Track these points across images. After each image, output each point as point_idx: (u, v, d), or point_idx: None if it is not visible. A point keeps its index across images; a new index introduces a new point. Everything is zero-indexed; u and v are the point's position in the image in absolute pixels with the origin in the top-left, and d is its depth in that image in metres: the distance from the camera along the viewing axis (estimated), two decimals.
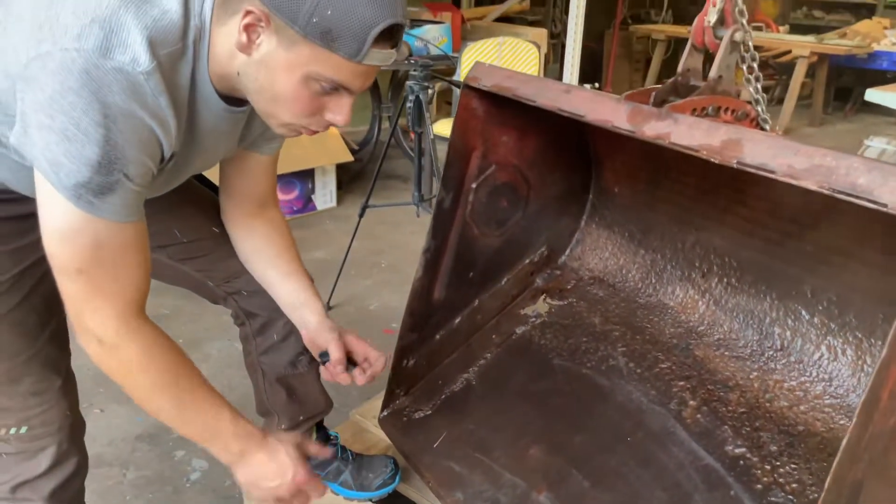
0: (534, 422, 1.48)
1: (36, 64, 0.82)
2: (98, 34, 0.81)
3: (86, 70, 0.80)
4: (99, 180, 0.84)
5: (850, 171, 0.83)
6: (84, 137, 0.81)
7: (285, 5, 0.82)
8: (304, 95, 0.90)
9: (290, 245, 1.29)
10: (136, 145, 0.86)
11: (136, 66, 0.82)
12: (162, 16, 0.86)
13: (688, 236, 1.55)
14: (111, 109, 0.82)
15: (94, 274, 0.89)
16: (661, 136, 1.05)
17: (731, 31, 1.10)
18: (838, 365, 1.29)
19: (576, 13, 4.28)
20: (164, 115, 0.88)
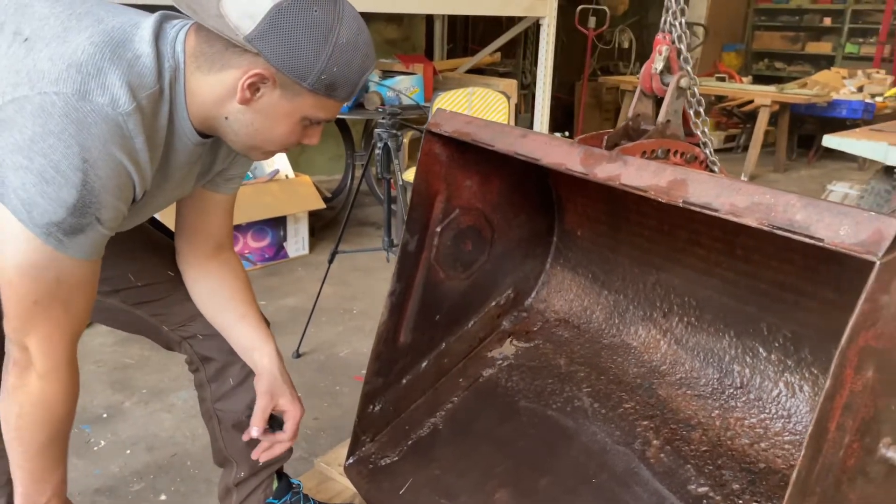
0: (499, 465, 1.47)
1: (12, 107, 0.83)
2: (76, 77, 0.83)
3: (66, 113, 0.82)
4: (71, 221, 0.85)
5: (788, 207, 0.86)
6: (62, 180, 0.82)
7: (296, 66, 0.90)
8: (296, 132, 1.00)
9: (245, 288, 1.28)
10: (112, 190, 0.88)
11: (115, 107, 0.85)
12: (136, 59, 0.89)
13: (649, 277, 1.58)
14: (91, 153, 0.83)
15: (51, 305, 0.90)
16: (612, 177, 1.08)
17: (678, 77, 1.14)
18: (796, 401, 1.30)
19: (544, 65, 4.42)
20: (140, 157, 0.90)
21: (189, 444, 1.96)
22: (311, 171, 3.96)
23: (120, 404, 2.14)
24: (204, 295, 1.24)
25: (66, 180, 0.83)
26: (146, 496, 1.75)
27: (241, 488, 1.42)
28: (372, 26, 5.23)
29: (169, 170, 1.01)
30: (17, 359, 0.93)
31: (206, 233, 1.22)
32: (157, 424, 2.05)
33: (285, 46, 0.88)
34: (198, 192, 1.17)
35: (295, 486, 1.49)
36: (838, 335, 1.25)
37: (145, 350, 2.44)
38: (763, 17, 9.00)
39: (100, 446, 1.93)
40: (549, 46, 4.36)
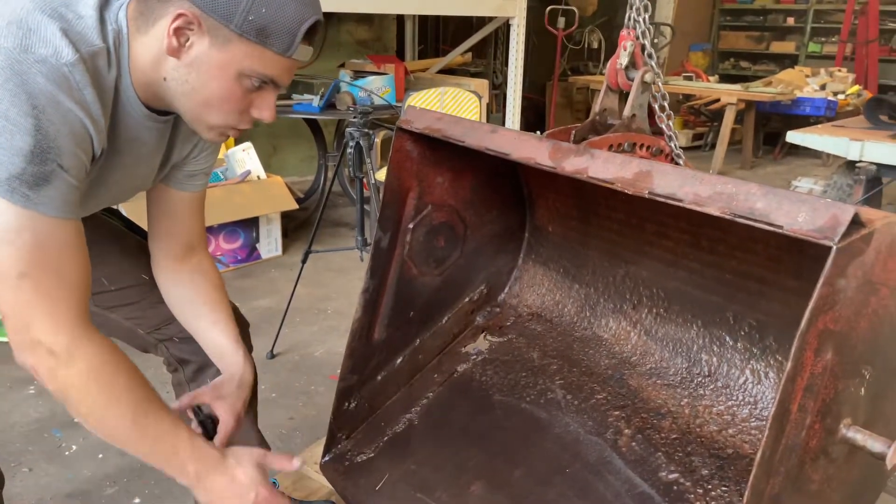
0: (475, 458, 1.48)
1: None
2: (17, 32, 0.83)
3: (9, 65, 0.80)
4: (33, 170, 0.82)
5: (749, 196, 0.88)
6: (13, 128, 0.80)
7: (220, 5, 0.86)
8: (235, 93, 0.93)
9: (217, 293, 1.26)
10: (68, 136, 0.85)
11: (58, 58, 0.83)
12: (78, 19, 0.88)
13: (618, 270, 1.60)
14: (39, 99, 0.81)
15: (40, 277, 0.85)
16: (580, 170, 1.10)
17: (642, 72, 1.17)
18: (762, 388, 1.34)
19: (515, 65, 4.45)
20: (91, 109, 0.87)
21: None
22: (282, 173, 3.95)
23: None
24: (177, 301, 1.22)
25: (17, 127, 0.80)
26: (120, 500, 1.73)
27: None
28: (343, 27, 5.23)
29: (120, 141, 0.97)
30: (34, 364, 0.87)
31: (177, 234, 1.20)
32: None
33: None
34: (163, 191, 1.16)
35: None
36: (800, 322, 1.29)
37: None
38: (728, 17, 9.17)
39: (71, 451, 1.91)
40: (519, 46, 4.40)
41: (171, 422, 0.96)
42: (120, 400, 0.90)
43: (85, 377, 0.88)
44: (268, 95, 0.96)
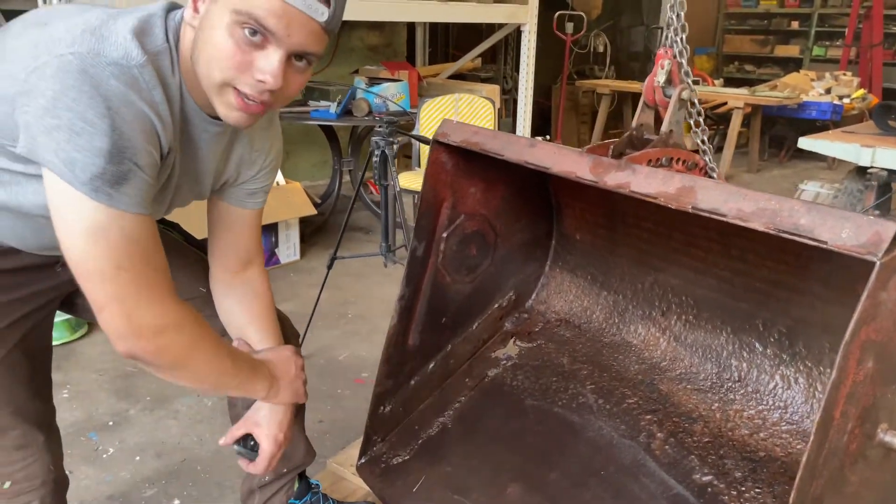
0: (509, 461, 1.53)
1: (34, 75, 0.85)
2: (90, 39, 0.87)
3: (83, 69, 0.84)
4: (112, 170, 0.86)
5: (793, 212, 0.93)
6: (91, 129, 0.84)
7: None
8: (228, 44, 0.90)
9: (265, 310, 1.29)
10: (140, 134, 0.89)
11: (129, 59, 0.87)
12: (146, 20, 0.93)
13: (646, 277, 1.65)
14: (112, 101, 0.85)
15: (135, 267, 0.90)
16: (622, 185, 1.14)
17: (679, 89, 1.21)
18: (792, 393, 1.38)
19: (526, 70, 4.50)
20: (160, 109, 0.91)
21: (198, 449, 1.99)
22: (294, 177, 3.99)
23: (125, 412, 2.16)
24: (226, 313, 1.27)
25: (95, 128, 0.84)
26: (159, 501, 1.77)
27: (265, 490, 1.46)
28: (354, 33, 5.28)
29: (181, 143, 1.01)
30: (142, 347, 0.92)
31: (234, 249, 1.24)
32: (164, 431, 2.07)
33: None
34: (225, 208, 1.20)
35: (314, 486, 1.53)
36: (830, 329, 1.34)
37: None
38: (733, 21, 9.21)
39: (108, 454, 1.95)
40: (531, 52, 4.45)
41: (242, 350, 1.16)
42: (219, 348, 1.04)
43: (196, 337, 0.99)
44: (269, 54, 0.91)
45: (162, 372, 0.99)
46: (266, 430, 1.20)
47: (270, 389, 1.17)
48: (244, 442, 1.22)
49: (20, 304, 1.09)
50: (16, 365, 1.11)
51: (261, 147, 1.17)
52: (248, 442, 1.22)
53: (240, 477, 1.88)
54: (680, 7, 1.18)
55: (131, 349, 0.93)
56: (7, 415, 1.10)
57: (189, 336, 0.98)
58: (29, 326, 1.12)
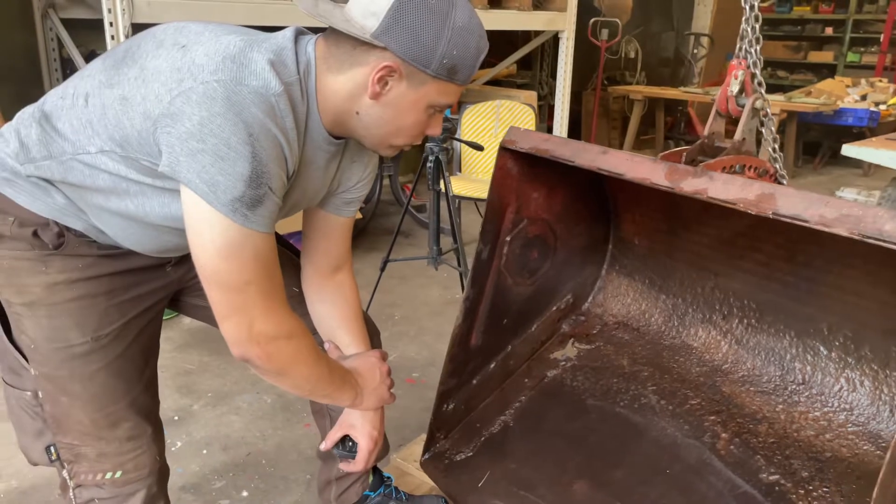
0: (573, 459, 1.57)
1: (180, 99, 0.91)
2: (231, 67, 0.93)
3: (227, 97, 0.90)
4: (251, 194, 0.93)
5: (877, 219, 0.96)
6: (235, 155, 0.90)
7: (420, 55, 0.98)
8: (422, 121, 1.07)
9: (353, 314, 1.36)
10: (275, 160, 0.96)
11: (268, 89, 0.94)
12: (280, 50, 0.99)
13: (707, 282, 1.68)
14: (253, 128, 0.92)
15: (261, 283, 0.98)
16: (699, 191, 1.18)
17: (753, 99, 1.25)
18: (857, 395, 1.41)
19: (563, 76, 4.54)
20: (290, 136, 0.99)
21: (261, 444, 2.06)
22: None
23: (189, 407, 2.24)
24: (318, 315, 1.34)
25: (238, 154, 0.90)
26: (229, 493, 1.84)
27: (342, 482, 1.51)
28: None
29: (305, 164, 1.08)
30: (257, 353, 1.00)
31: (327, 254, 1.31)
32: (228, 426, 2.14)
33: (408, 37, 0.96)
34: (322, 215, 1.27)
35: (387, 479, 1.58)
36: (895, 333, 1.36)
37: (203, 356, 2.54)
38: (766, 26, 9.13)
39: (176, 447, 2.03)
40: (568, 59, 4.49)
41: (339, 365, 1.22)
42: (320, 356, 1.13)
43: (300, 349, 1.07)
44: (439, 116, 1.10)
45: (268, 375, 1.06)
46: (361, 429, 1.28)
47: (356, 399, 1.24)
48: (342, 444, 1.29)
49: (137, 302, 1.16)
50: (132, 360, 1.17)
51: (360, 159, 1.24)
52: (346, 444, 1.28)
53: (303, 471, 1.95)
54: (755, 20, 1.22)
55: (246, 354, 1.01)
56: (123, 407, 1.16)
57: (296, 346, 1.06)
58: (143, 323, 1.18)
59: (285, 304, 1.04)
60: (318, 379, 1.13)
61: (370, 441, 1.28)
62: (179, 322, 2.82)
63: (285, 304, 1.04)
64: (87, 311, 1.10)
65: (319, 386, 1.15)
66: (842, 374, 1.43)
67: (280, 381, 1.09)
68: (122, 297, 1.14)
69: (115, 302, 1.13)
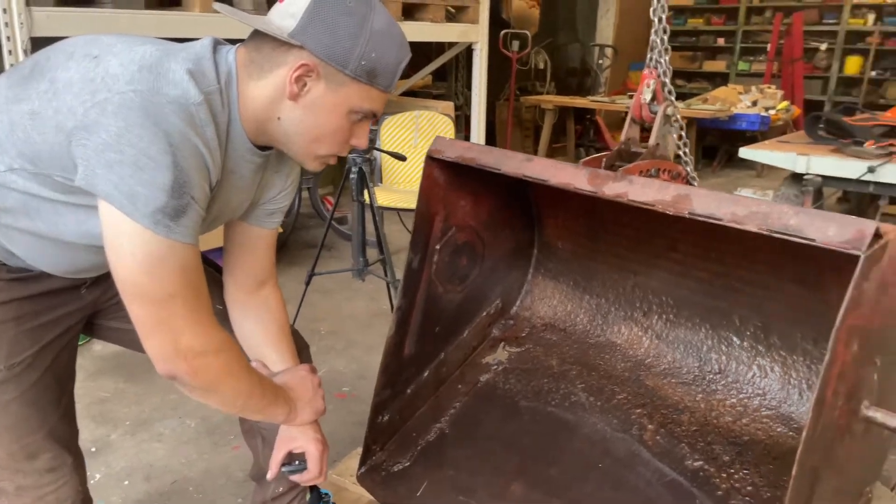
0: (509, 461, 1.60)
1: (94, 111, 0.88)
2: (148, 77, 0.91)
3: (144, 107, 0.88)
4: (173, 204, 0.90)
5: (782, 215, 1.04)
6: (155, 164, 0.88)
7: (337, 54, 0.97)
8: (344, 127, 1.05)
9: (280, 329, 1.32)
10: (196, 170, 0.94)
11: (187, 99, 0.92)
12: (199, 60, 0.97)
13: (627, 281, 1.76)
14: (174, 137, 0.89)
15: (186, 295, 0.95)
16: (620, 194, 1.24)
17: (664, 106, 1.32)
18: (769, 381, 1.50)
19: (478, 87, 4.63)
20: (211, 146, 0.97)
21: (187, 471, 1.98)
22: None
23: (106, 437, 2.12)
24: (244, 334, 1.29)
25: (157, 164, 0.88)
26: None
27: (278, 501, 1.49)
28: None
29: (225, 174, 1.06)
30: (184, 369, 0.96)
31: (250, 268, 1.27)
32: (150, 454, 2.05)
33: (325, 36, 0.97)
34: (243, 227, 1.23)
35: (325, 495, 1.56)
36: (800, 322, 1.47)
37: (119, 382, 2.42)
38: None
39: (95, 480, 1.92)
40: (483, 70, 4.58)
41: (270, 380, 1.18)
42: (250, 372, 1.09)
43: (228, 365, 1.03)
44: (364, 126, 1.09)
45: (196, 393, 1.02)
46: (304, 437, 1.24)
47: (290, 413, 1.20)
48: (289, 462, 1.25)
49: (51, 327, 1.12)
50: (48, 388, 1.12)
51: (282, 170, 1.22)
52: (292, 461, 1.25)
53: (233, 495, 1.90)
54: (664, 31, 1.29)
55: (173, 370, 0.97)
56: (41, 438, 1.11)
57: (225, 360, 1.02)
58: (58, 349, 1.14)
59: (212, 317, 1.01)
60: (250, 394, 1.08)
61: (318, 445, 1.25)
62: (90, 348, 2.68)
63: (212, 317, 1.01)
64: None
65: (251, 402, 1.11)
66: (754, 362, 1.52)
67: (209, 398, 1.04)
68: (34, 323, 1.09)
69: (27, 328, 1.08)
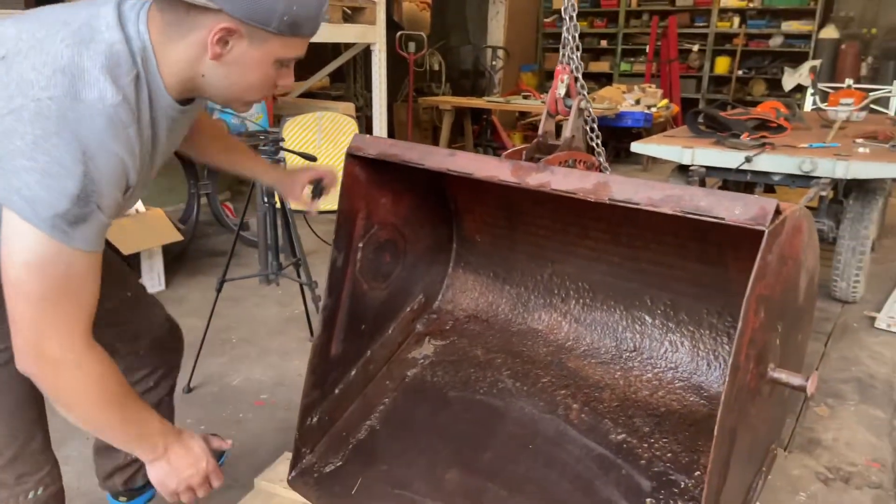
0: (443, 450, 1.63)
1: (10, 118, 0.87)
2: (63, 81, 0.89)
3: (62, 114, 0.87)
4: (75, 211, 0.89)
5: (693, 197, 1.13)
6: (65, 172, 0.87)
7: (259, 14, 0.95)
8: (269, 76, 1.04)
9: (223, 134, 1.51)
10: (111, 180, 0.93)
11: (104, 101, 0.91)
12: (110, 49, 0.94)
13: (545, 269, 1.83)
14: (89, 147, 0.89)
15: (59, 302, 0.93)
16: (543, 184, 1.30)
17: (578, 100, 1.40)
18: (680, 355, 1.62)
19: (378, 88, 4.63)
20: (133, 145, 0.96)
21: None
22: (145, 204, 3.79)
23: None
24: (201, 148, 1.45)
25: (68, 172, 0.88)
26: None
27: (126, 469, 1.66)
28: None
29: (157, 141, 1.06)
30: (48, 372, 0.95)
31: None
32: None
33: None
34: None
35: None
36: (706, 298, 1.60)
37: None
38: (550, 40, 10.01)
39: None
40: (382, 70, 4.59)
41: (147, 411, 1.09)
42: (113, 400, 1.02)
43: (87, 383, 0.98)
44: (289, 70, 1.08)
45: (54, 403, 1.01)
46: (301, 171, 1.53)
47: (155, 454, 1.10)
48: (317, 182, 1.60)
49: None
50: None
51: None
52: None
53: None
54: (574, 29, 1.37)
55: (27, 369, 0.97)
56: (37, 416, 1.19)
57: (84, 378, 0.98)
58: None
59: (82, 332, 0.97)
60: (107, 425, 1.04)
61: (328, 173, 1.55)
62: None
63: (82, 332, 0.97)
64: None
65: (107, 432, 1.07)
66: (665, 338, 1.64)
67: (65, 411, 1.00)
68: None
69: None
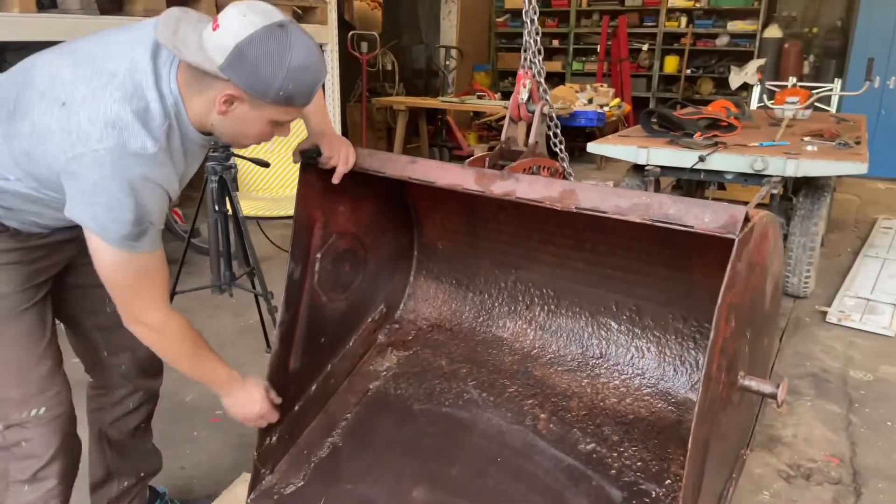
0: (409, 466, 1.58)
1: (74, 163, 1.15)
2: (112, 134, 1.15)
3: (113, 162, 1.15)
4: (136, 231, 1.20)
5: (662, 205, 1.11)
6: (121, 206, 1.17)
7: (258, 88, 1.16)
8: (266, 131, 1.27)
9: None
10: (157, 204, 1.23)
11: (146, 150, 1.18)
12: (148, 106, 1.19)
13: (508, 276, 1.80)
14: (136, 184, 1.17)
15: (139, 287, 1.27)
16: (508, 193, 1.27)
17: (541, 105, 1.37)
18: (646, 361, 1.61)
19: (332, 88, 4.55)
20: (170, 177, 1.24)
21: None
22: None
23: None
24: None
25: (123, 205, 1.17)
26: None
27: (123, 497, 1.67)
28: None
29: (188, 164, 1.34)
30: (143, 333, 1.31)
31: None
32: None
33: (248, 74, 1.15)
34: None
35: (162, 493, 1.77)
36: (671, 303, 1.58)
37: None
38: (503, 40, 10.03)
39: None
40: (335, 70, 4.50)
41: (219, 360, 1.45)
42: (195, 350, 1.39)
43: (173, 340, 1.35)
44: (286, 126, 1.29)
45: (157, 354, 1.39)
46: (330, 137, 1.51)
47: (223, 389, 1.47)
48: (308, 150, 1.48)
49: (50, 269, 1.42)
50: (46, 306, 1.42)
51: None
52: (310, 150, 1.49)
53: None
54: (536, 33, 1.33)
55: (133, 331, 1.32)
56: (45, 344, 1.39)
57: (169, 336, 1.34)
58: (49, 285, 1.44)
59: (164, 303, 1.31)
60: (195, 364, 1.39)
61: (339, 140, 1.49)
62: None
63: (164, 303, 1.31)
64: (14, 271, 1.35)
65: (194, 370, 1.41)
66: (631, 344, 1.62)
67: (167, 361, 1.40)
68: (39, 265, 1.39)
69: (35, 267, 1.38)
